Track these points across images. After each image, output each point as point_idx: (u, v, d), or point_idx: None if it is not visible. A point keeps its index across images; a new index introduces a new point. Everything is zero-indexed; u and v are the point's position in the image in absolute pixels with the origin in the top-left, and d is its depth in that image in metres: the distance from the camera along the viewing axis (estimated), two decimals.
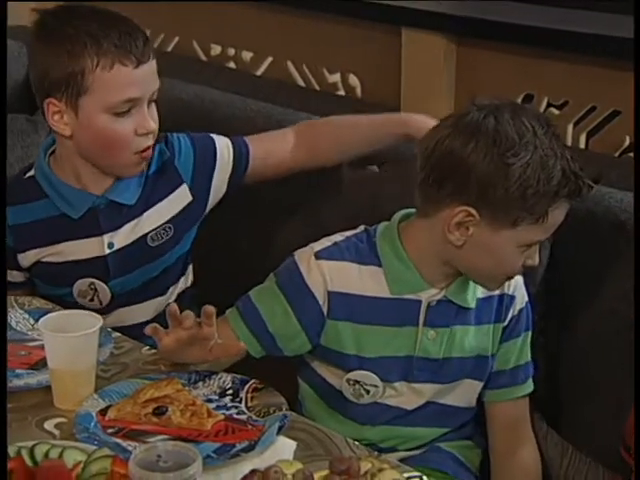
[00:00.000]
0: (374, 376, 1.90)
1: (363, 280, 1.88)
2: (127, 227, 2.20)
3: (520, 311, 1.95)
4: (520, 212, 1.74)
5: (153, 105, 2.13)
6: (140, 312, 2.25)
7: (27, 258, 2.21)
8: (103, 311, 2.16)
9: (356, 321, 1.89)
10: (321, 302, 1.88)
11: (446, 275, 1.88)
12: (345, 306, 1.88)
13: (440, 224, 1.80)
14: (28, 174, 2.22)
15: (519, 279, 1.95)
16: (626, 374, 1.76)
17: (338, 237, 1.93)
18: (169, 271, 2.27)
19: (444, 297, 1.89)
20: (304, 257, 1.90)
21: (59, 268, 2.21)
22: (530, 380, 1.98)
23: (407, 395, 1.93)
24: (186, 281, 2.35)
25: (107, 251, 2.20)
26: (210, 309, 1.72)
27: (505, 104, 1.82)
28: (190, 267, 2.36)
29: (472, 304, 1.90)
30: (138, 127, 2.07)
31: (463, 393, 1.96)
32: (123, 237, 2.20)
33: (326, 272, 1.88)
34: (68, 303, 2.18)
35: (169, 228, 2.21)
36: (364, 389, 1.91)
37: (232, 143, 2.27)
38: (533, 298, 2.01)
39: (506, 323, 1.94)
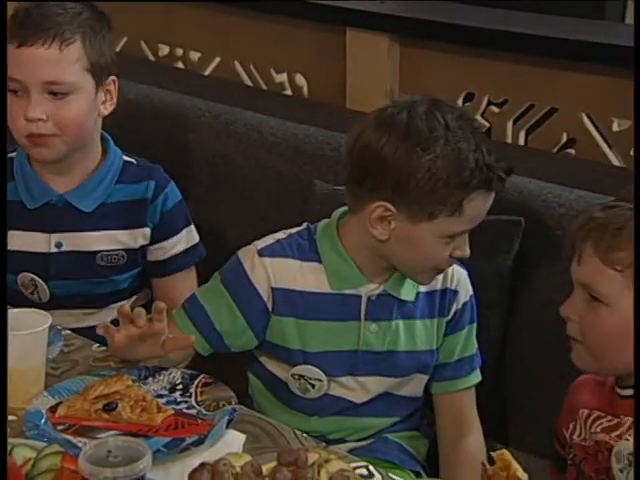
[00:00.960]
0: (318, 371, 1.90)
1: (305, 276, 1.88)
2: (79, 235, 2.18)
3: (464, 305, 1.95)
4: (434, 205, 1.74)
5: (68, 96, 2.08)
6: (79, 318, 2.22)
7: None
8: (44, 307, 2.07)
9: (299, 316, 1.89)
10: (265, 298, 1.88)
11: (383, 269, 1.88)
12: (288, 302, 1.88)
13: (366, 220, 1.80)
14: (12, 154, 2.22)
15: (463, 273, 1.95)
16: (563, 364, 1.78)
17: (281, 235, 1.92)
18: (115, 292, 2.25)
19: (383, 291, 1.89)
20: (248, 255, 1.90)
21: (8, 254, 2.14)
22: (476, 372, 1.98)
23: (354, 388, 1.93)
24: (137, 301, 2.30)
25: (53, 250, 2.18)
26: (161, 305, 1.70)
27: (423, 100, 1.81)
28: (147, 290, 2.33)
29: (412, 297, 1.90)
30: (25, 112, 2.04)
31: (410, 386, 1.96)
32: (73, 242, 2.18)
33: (269, 269, 1.87)
34: (14, 292, 2.16)
35: (122, 257, 2.21)
36: (309, 383, 1.91)
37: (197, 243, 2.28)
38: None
39: (450, 317, 1.94)
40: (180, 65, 3.02)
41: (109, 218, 2.19)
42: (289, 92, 2.83)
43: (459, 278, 1.94)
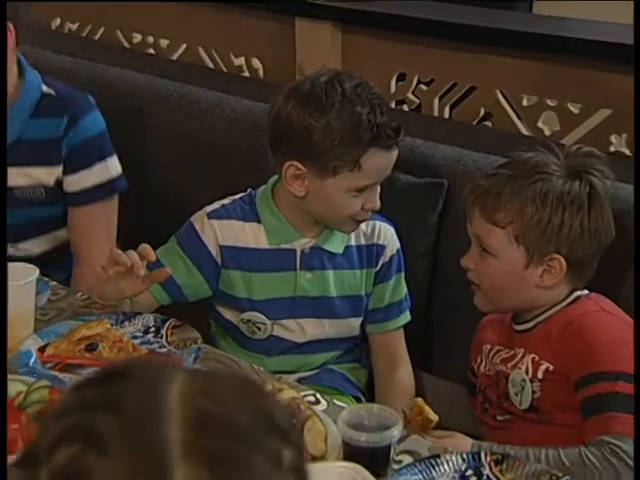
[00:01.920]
0: (262, 316, 1.91)
1: (246, 235, 1.89)
2: None
3: (391, 257, 1.96)
4: (335, 161, 1.76)
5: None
6: (14, 249, 2.10)
7: None
8: None
9: (244, 269, 1.90)
10: (214, 254, 1.89)
11: (313, 225, 1.89)
12: (234, 257, 1.89)
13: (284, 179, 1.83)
14: None
15: (390, 230, 1.96)
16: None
17: (226, 201, 1.93)
18: (38, 221, 2.12)
19: (315, 245, 1.90)
20: (198, 218, 1.91)
21: None
22: (405, 314, 2.00)
23: (295, 330, 1.94)
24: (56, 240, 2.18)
25: None
26: (147, 247, 1.71)
27: (326, 72, 1.84)
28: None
29: (340, 250, 1.91)
30: None
31: (345, 326, 1.97)
32: None
33: (217, 229, 1.88)
34: None
35: (40, 192, 2.08)
36: (255, 327, 1.92)
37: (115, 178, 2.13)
38: None
39: (378, 268, 1.95)
40: (151, 51, 2.99)
41: (23, 155, 2.02)
42: (246, 74, 2.81)
43: (386, 234, 1.95)
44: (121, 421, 0.71)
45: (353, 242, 1.93)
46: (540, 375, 1.67)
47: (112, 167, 2.12)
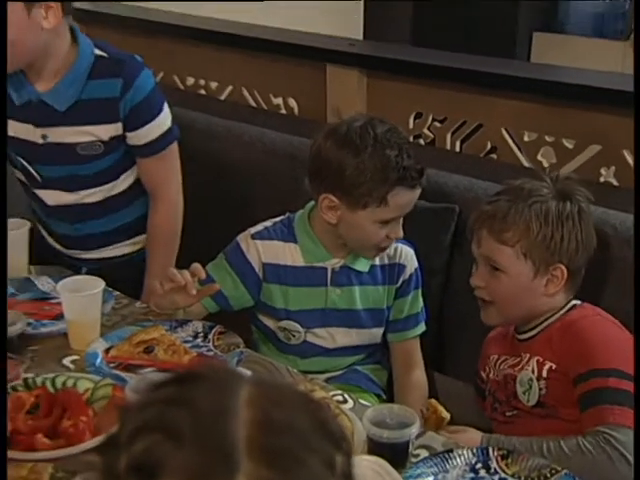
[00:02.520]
0: (297, 325, 1.89)
1: (285, 253, 1.87)
2: (59, 129, 1.96)
3: (410, 276, 1.93)
4: (364, 197, 1.73)
5: None
6: (67, 197, 2.07)
7: None
8: (41, 186, 2.05)
9: (282, 283, 1.87)
10: (257, 270, 1.86)
11: (343, 247, 1.86)
12: (274, 273, 1.87)
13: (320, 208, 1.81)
14: None
15: (410, 252, 1.93)
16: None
17: (268, 223, 1.91)
18: (100, 172, 2.05)
19: (344, 264, 1.87)
20: (244, 238, 1.88)
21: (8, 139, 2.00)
22: (420, 324, 1.96)
23: (325, 337, 1.91)
24: (120, 185, 2.11)
25: (40, 141, 1.98)
26: (198, 267, 1.70)
27: (361, 117, 1.82)
28: (126, 174, 2.10)
29: (366, 269, 1.89)
30: None
31: (368, 335, 1.94)
32: (56, 135, 1.97)
33: (260, 248, 1.86)
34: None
35: (99, 146, 1.99)
36: (291, 334, 1.90)
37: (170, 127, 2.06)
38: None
39: (398, 285, 1.92)
40: (202, 92, 2.98)
41: (83, 115, 1.95)
42: (284, 111, 2.79)
43: (407, 255, 1.92)
44: (194, 417, 0.71)
45: (377, 262, 1.90)
46: (545, 374, 1.65)
47: (168, 117, 2.06)
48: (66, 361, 1.67)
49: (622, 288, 1.82)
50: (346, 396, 1.57)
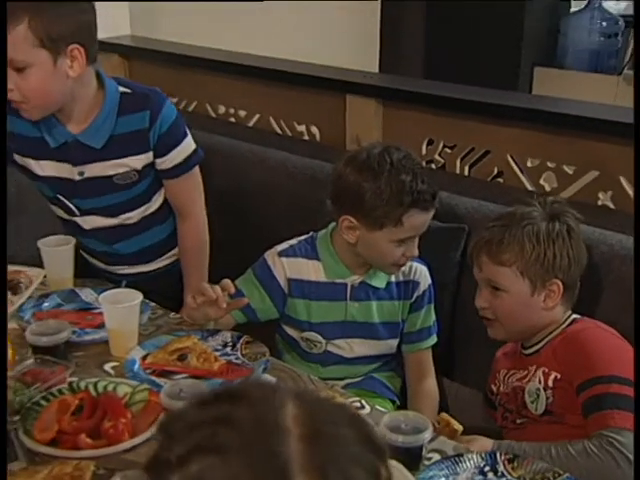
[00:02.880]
0: (318, 336, 1.87)
1: (309, 270, 1.86)
2: (96, 165, 1.93)
3: (424, 292, 1.91)
4: (381, 218, 1.72)
5: (26, 70, 1.75)
6: (104, 221, 2.05)
7: (20, 160, 1.99)
8: (76, 216, 2.03)
9: (306, 298, 1.86)
10: (283, 285, 1.85)
11: (362, 265, 1.85)
12: (298, 288, 1.85)
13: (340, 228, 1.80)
14: None
15: (424, 269, 1.91)
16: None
17: (293, 241, 1.89)
18: (136, 197, 2.03)
19: (362, 281, 1.86)
20: (270, 255, 1.87)
21: (41, 178, 1.99)
22: (432, 336, 1.94)
23: (345, 347, 1.89)
24: (153, 205, 2.09)
25: (77, 178, 1.95)
26: (228, 283, 1.69)
27: (379, 145, 1.80)
28: (157, 195, 2.08)
29: (382, 285, 1.87)
30: None
31: (384, 346, 1.93)
32: (92, 171, 1.94)
33: (285, 265, 1.85)
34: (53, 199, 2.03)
35: (134, 174, 1.97)
36: (313, 344, 1.89)
37: (195, 149, 2.04)
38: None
39: (412, 300, 1.90)
40: (232, 119, 2.98)
41: (118, 149, 1.93)
42: (306, 138, 2.78)
43: (421, 272, 1.91)
44: (246, 437, 0.68)
45: (393, 279, 1.89)
46: (551, 384, 1.63)
47: (191, 141, 2.03)
48: (107, 367, 1.66)
49: (619, 302, 1.81)
50: (363, 402, 1.55)
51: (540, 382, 1.64)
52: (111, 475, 1.24)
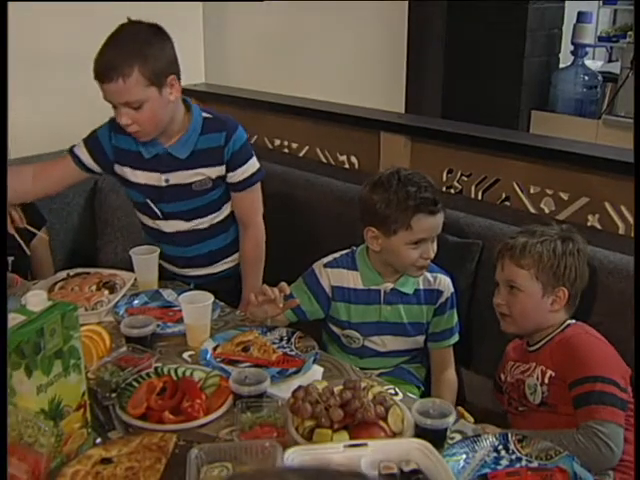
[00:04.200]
0: (357, 333, 1.85)
1: (349, 278, 1.83)
2: (179, 173, 1.95)
3: (447, 299, 1.87)
4: (393, 224, 1.70)
5: (141, 107, 1.80)
6: (183, 225, 2.04)
7: (119, 170, 2.01)
8: (159, 219, 2.04)
9: (347, 302, 1.83)
10: (328, 291, 1.83)
11: (392, 273, 1.82)
12: (340, 293, 1.83)
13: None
14: None
15: (447, 280, 1.87)
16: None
17: (337, 255, 1.87)
18: (209, 204, 2.03)
19: (394, 287, 1.83)
20: (318, 266, 1.85)
21: (134, 184, 2.01)
22: (454, 336, 1.90)
23: (379, 343, 1.86)
24: (221, 214, 2.08)
25: (163, 184, 1.97)
26: (285, 285, 1.67)
27: (393, 168, 1.78)
28: (225, 205, 2.07)
29: (411, 291, 1.84)
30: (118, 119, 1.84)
31: (412, 342, 1.89)
32: (175, 178, 1.96)
33: (330, 275, 1.83)
34: (141, 204, 2.04)
35: (208, 182, 1.98)
36: (352, 340, 1.86)
37: (259, 168, 2.02)
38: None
39: (437, 306, 1.87)
40: (286, 150, 2.96)
41: (198, 160, 1.94)
42: (347, 166, 2.76)
43: (444, 282, 1.87)
44: None
45: (421, 286, 1.85)
46: (546, 380, 1.60)
47: (256, 162, 2.03)
48: (185, 355, 1.65)
49: (607, 308, 1.77)
50: (397, 390, 1.51)
51: (538, 379, 1.62)
52: (190, 446, 1.22)
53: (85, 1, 2.61)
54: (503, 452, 1.32)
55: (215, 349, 1.65)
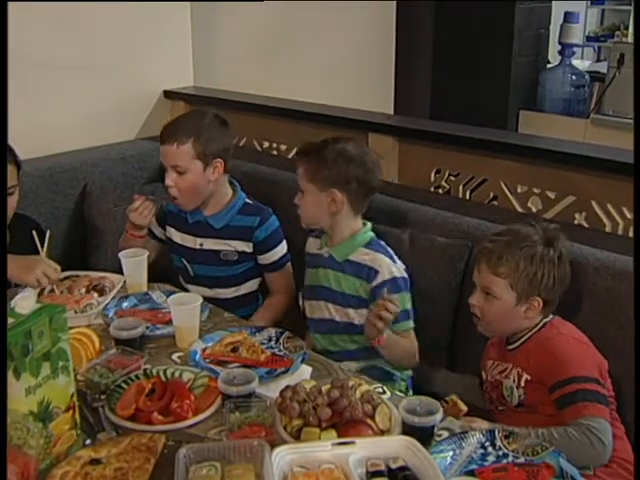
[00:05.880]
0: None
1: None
2: (212, 240, 2.13)
3: (383, 281, 1.84)
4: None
5: (184, 174, 2.03)
6: (206, 292, 2.12)
7: (167, 231, 2.22)
8: (192, 281, 2.17)
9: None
10: None
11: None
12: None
13: None
14: None
15: (388, 262, 1.85)
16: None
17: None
18: (232, 276, 2.17)
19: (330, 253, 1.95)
20: None
21: (175, 244, 2.19)
22: (404, 322, 1.84)
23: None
24: (242, 289, 2.20)
25: (198, 247, 2.15)
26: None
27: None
28: (248, 283, 2.20)
29: (340, 259, 1.93)
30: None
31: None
32: (208, 244, 2.13)
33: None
34: (177, 268, 2.21)
35: (234, 254, 2.13)
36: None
37: (286, 252, 2.17)
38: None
39: (372, 285, 1.85)
40: (274, 152, 2.97)
41: (229, 233, 2.12)
42: None
43: (384, 264, 1.85)
44: None
45: (352, 258, 1.89)
46: (522, 384, 1.63)
47: (285, 247, 2.17)
48: (174, 356, 1.66)
49: (592, 305, 1.78)
50: (385, 388, 1.53)
51: (514, 381, 1.64)
52: (179, 446, 1.23)
53: (75, 1, 2.60)
54: (490, 448, 1.34)
55: (204, 350, 1.66)
